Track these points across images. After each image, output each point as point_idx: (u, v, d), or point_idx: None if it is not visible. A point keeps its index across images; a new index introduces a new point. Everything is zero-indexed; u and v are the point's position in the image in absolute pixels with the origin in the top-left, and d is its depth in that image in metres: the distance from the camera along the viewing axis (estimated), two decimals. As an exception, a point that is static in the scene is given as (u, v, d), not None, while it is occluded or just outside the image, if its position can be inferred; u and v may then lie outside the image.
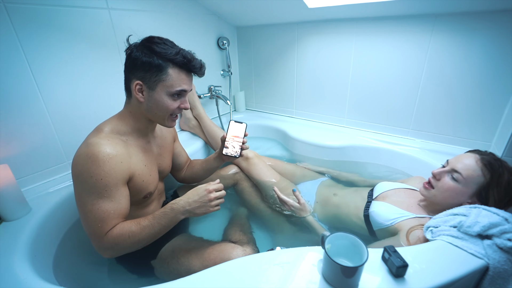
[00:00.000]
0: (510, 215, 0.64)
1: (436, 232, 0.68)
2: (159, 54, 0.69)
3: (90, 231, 0.67)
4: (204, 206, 0.73)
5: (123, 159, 0.69)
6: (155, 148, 0.87)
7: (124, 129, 0.76)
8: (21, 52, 0.86)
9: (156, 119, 0.77)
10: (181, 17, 1.35)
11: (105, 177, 0.65)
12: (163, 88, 0.72)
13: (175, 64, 0.71)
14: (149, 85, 0.71)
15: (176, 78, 0.72)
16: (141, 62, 0.69)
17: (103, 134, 0.71)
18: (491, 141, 1.14)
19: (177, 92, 0.73)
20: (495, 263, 0.58)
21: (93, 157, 0.64)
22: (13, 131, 0.89)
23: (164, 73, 0.70)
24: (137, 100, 0.73)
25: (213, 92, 1.58)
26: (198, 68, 0.74)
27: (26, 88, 0.90)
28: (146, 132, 0.83)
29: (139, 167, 0.75)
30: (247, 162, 1.17)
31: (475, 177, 0.75)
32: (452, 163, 0.80)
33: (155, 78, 0.70)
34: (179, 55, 0.70)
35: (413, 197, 0.90)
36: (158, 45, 0.69)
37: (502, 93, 1.05)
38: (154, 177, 0.82)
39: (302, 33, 1.46)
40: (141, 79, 0.70)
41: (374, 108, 1.38)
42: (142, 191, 0.78)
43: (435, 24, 1.10)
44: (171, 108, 0.75)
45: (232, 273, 0.58)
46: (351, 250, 0.56)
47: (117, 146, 0.69)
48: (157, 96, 0.72)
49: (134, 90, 0.71)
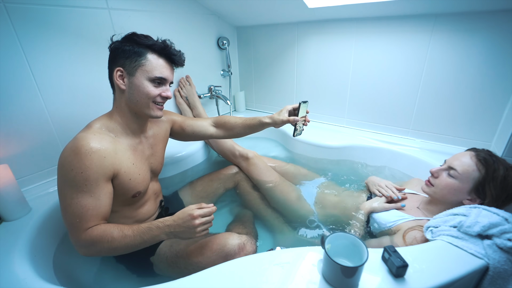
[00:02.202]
0: (510, 215, 0.64)
1: (436, 232, 0.68)
2: (138, 42, 0.72)
3: (69, 225, 0.66)
4: (188, 232, 0.69)
5: (107, 154, 0.68)
6: (147, 149, 0.86)
7: (113, 126, 0.76)
8: (21, 52, 0.86)
9: (140, 108, 0.76)
10: (181, 17, 1.35)
11: (86, 171, 0.64)
12: (143, 74, 0.72)
13: (154, 50, 0.73)
14: (129, 71, 0.72)
15: (155, 64, 0.73)
16: (122, 50, 0.72)
17: (91, 130, 0.71)
18: (491, 141, 1.14)
19: (157, 78, 0.74)
20: (495, 263, 0.58)
21: (76, 150, 0.64)
22: (13, 131, 0.89)
23: (143, 58, 0.72)
24: (120, 89, 0.74)
25: (213, 92, 1.58)
26: (176, 55, 0.76)
27: (26, 88, 0.90)
28: (138, 132, 0.82)
29: (125, 165, 0.74)
30: (247, 162, 1.17)
31: (471, 172, 0.76)
32: (448, 161, 0.82)
33: (134, 64, 0.71)
34: (158, 42, 0.74)
35: (412, 200, 0.91)
36: (138, 36, 0.73)
37: (502, 93, 1.05)
38: (144, 177, 0.81)
39: (302, 33, 1.46)
40: (122, 65, 0.72)
41: (374, 108, 1.38)
42: (130, 190, 0.76)
43: (435, 24, 1.10)
44: (152, 94, 0.74)
45: (232, 273, 0.58)
46: (351, 250, 0.56)
47: (102, 141, 0.69)
48: (137, 81, 0.73)
49: (115, 77, 0.72)
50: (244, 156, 1.17)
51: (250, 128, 0.99)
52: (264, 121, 0.94)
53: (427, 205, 0.86)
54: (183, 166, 1.32)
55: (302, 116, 0.93)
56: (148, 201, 0.88)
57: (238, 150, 1.20)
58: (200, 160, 1.41)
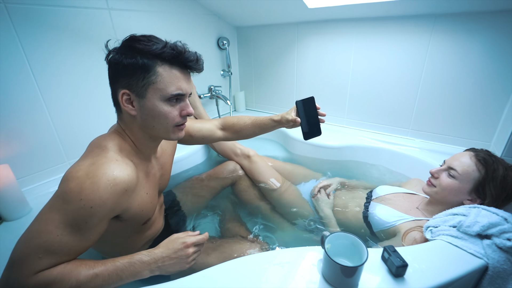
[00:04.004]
0: (509, 215, 0.64)
1: (436, 232, 0.69)
2: (142, 51, 0.56)
3: (19, 257, 0.49)
4: (180, 262, 0.62)
5: (130, 186, 0.57)
6: (158, 171, 0.76)
7: (128, 148, 0.64)
8: (22, 52, 0.86)
9: (157, 133, 0.64)
10: (181, 17, 1.35)
11: (97, 207, 0.52)
12: (155, 93, 0.58)
13: (164, 59, 0.58)
14: (138, 92, 0.58)
15: (168, 77, 0.58)
16: (123, 65, 0.56)
17: (109, 153, 0.58)
18: (490, 141, 1.14)
19: (173, 95, 0.60)
20: (494, 263, 0.58)
21: (94, 179, 0.52)
22: (14, 131, 0.89)
23: (152, 73, 0.57)
24: (129, 114, 0.61)
25: (213, 92, 1.58)
26: (193, 60, 0.61)
27: (27, 88, 0.90)
28: (149, 155, 0.71)
29: (140, 196, 0.64)
30: (249, 160, 1.16)
31: (470, 172, 0.76)
32: (448, 161, 0.82)
33: (143, 82, 0.57)
34: (167, 48, 0.57)
35: (411, 201, 0.91)
36: (140, 42, 0.57)
37: (501, 93, 1.06)
38: (154, 203, 0.72)
39: (302, 33, 1.46)
40: (127, 86, 0.58)
41: (374, 108, 1.38)
42: (140, 220, 0.67)
43: (435, 25, 1.10)
44: (170, 117, 0.61)
45: (232, 273, 0.58)
46: (351, 250, 0.56)
47: (127, 169, 0.57)
48: (150, 104, 0.59)
49: (122, 102, 0.59)
50: (246, 154, 1.17)
51: (260, 128, 0.90)
52: (275, 119, 0.85)
53: (427, 206, 0.86)
54: (183, 166, 1.32)
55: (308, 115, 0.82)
56: (155, 220, 0.79)
57: (240, 148, 1.20)
58: (200, 160, 1.41)
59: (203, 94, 1.56)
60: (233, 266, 0.60)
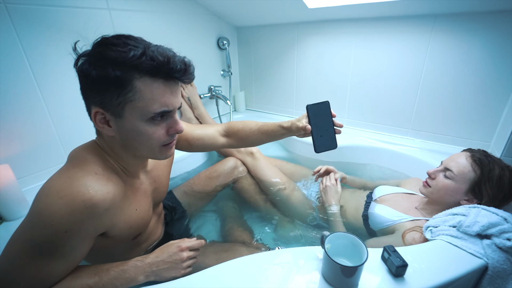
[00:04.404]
0: (509, 215, 0.64)
1: (436, 232, 0.69)
2: (115, 61, 0.45)
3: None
4: (175, 267, 0.60)
5: (111, 205, 0.51)
6: (149, 185, 0.69)
7: (112, 163, 0.57)
8: (22, 52, 0.86)
9: (141, 154, 0.56)
10: (181, 17, 1.35)
11: (72, 231, 0.46)
12: (134, 112, 0.49)
13: (143, 71, 0.47)
14: (113, 111, 0.49)
15: (149, 93, 0.48)
16: (92, 79, 0.46)
17: (88, 166, 0.51)
18: (490, 141, 1.14)
19: (157, 114, 0.50)
20: (494, 263, 0.59)
21: (67, 199, 0.45)
22: (14, 131, 0.89)
23: (129, 89, 0.47)
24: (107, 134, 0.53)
25: (213, 92, 1.59)
26: (180, 70, 0.50)
27: (27, 88, 0.90)
28: (136, 171, 0.64)
29: (127, 213, 0.58)
30: (253, 157, 1.15)
31: (466, 173, 0.76)
32: (445, 162, 0.83)
33: (118, 100, 0.47)
34: (146, 56, 0.46)
35: (411, 201, 0.92)
36: (112, 48, 0.46)
37: (501, 93, 1.06)
38: (147, 218, 0.67)
39: (302, 33, 1.46)
40: (100, 105, 0.48)
41: (374, 108, 1.39)
42: (129, 236, 0.63)
43: (435, 25, 1.10)
44: (154, 138, 0.53)
45: (232, 273, 0.58)
46: (351, 250, 0.56)
47: (108, 185, 0.51)
48: (129, 125, 0.50)
49: (96, 122, 0.51)
50: (249, 151, 1.16)
51: (267, 135, 0.79)
52: (284, 126, 0.74)
53: (425, 206, 0.86)
54: (183, 168, 1.32)
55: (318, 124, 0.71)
56: (151, 232, 0.75)
57: None
58: (201, 162, 1.41)
59: (203, 94, 1.56)
60: (233, 266, 0.60)
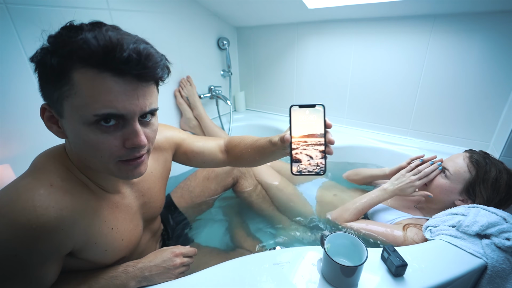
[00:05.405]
0: (508, 215, 0.65)
1: (435, 232, 0.69)
2: (55, 46, 0.39)
3: None
4: (167, 272, 0.59)
5: (67, 223, 0.42)
6: (135, 200, 0.61)
7: (78, 173, 0.48)
8: (23, 52, 0.86)
9: (96, 168, 0.47)
10: (182, 17, 1.35)
11: (22, 254, 0.39)
12: (73, 112, 0.40)
13: (83, 59, 0.37)
14: (56, 108, 0.42)
15: (89, 89, 0.38)
16: (35, 67, 0.41)
17: (47, 175, 0.44)
18: (489, 141, 1.14)
19: (100, 117, 0.40)
20: (493, 262, 0.59)
21: (7, 216, 0.38)
22: (14, 131, 0.90)
23: (64, 82, 0.38)
24: None
25: (213, 92, 1.59)
26: (129, 60, 0.38)
27: (27, 88, 0.90)
28: (114, 186, 0.55)
29: (97, 232, 0.49)
30: None
31: (462, 173, 0.77)
32: (444, 162, 0.83)
33: (55, 94, 0.40)
34: (92, 40, 0.36)
35: (410, 200, 0.92)
36: (62, 32, 0.40)
37: (500, 93, 1.06)
38: (132, 238, 0.58)
39: (302, 34, 1.46)
40: (45, 99, 0.43)
41: (374, 108, 1.39)
42: (107, 260, 0.54)
43: (434, 25, 1.10)
44: (103, 149, 0.42)
45: (232, 273, 0.58)
46: (351, 250, 0.56)
47: (64, 200, 0.43)
48: (72, 128, 0.42)
49: (43, 119, 0.45)
50: None
51: (260, 153, 0.65)
52: (273, 140, 0.60)
53: (424, 204, 0.87)
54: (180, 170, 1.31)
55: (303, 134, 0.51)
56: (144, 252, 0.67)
57: None
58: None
59: (203, 94, 1.56)
60: (233, 266, 0.60)
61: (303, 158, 0.51)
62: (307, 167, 0.51)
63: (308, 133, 0.51)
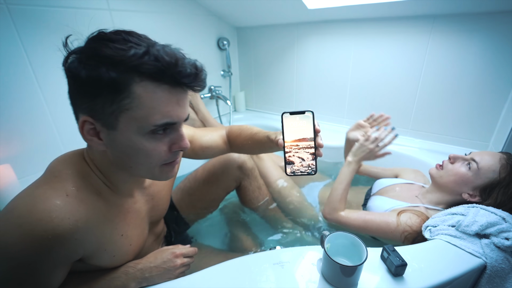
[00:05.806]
0: (507, 214, 0.65)
1: (435, 231, 0.69)
2: (110, 60, 0.38)
3: None
4: (168, 273, 0.58)
5: (82, 233, 0.43)
6: (144, 204, 0.62)
7: (94, 179, 0.49)
8: (23, 52, 0.87)
9: (137, 174, 0.49)
10: (182, 18, 1.35)
11: (36, 263, 0.40)
12: (131, 123, 0.41)
13: (144, 74, 0.39)
14: (105, 121, 0.41)
15: (150, 101, 0.41)
16: (81, 80, 0.40)
17: (63, 184, 0.44)
18: (489, 141, 1.14)
19: (159, 126, 0.43)
20: (492, 262, 0.59)
21: (24, 226, 0.39)
22: (15, 131, 0.90)
23: (125, 95, 0.40)
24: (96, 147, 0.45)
25: (213, 93, 1.59)
26: (190, 75, 0.42)
27: (28, 88, 0.90)
28: (130, 190, 0.57)
29: (109, 240, 0.51)
30: (257, 156, 1.11)
31: (490, 171, 0.73)
32: (474, 153, 0.79)
33: (111, 108, 0.40)
34: (149, 56, 0.39)
35: (409, 190, 0.92)
36: (110, 44, 0.39)
37: (499, 93, 1.06)
38: (138, 243, 0.60)
39: (302, 34, 1.47)
40: (89, 112, 0.41)
41: (373, 108, 1.39)
42: (113, 265, 0.56)
43: (434, 25, 1.10)
44: (154, 155, 0.45)
45: (232, 273, 0.59)
46: (351, 250, 0.56)
47: (79, 210, 0.43)
48: (124, 139, 0.43)
49: (83, 133, 0.43)
50: None
51: (259, 147, 0.70)
52: (271, 137, 0.64)
53: (426, 194, 0.86)
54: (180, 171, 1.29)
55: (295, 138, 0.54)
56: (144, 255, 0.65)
57: None
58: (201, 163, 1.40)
59: (203, 94, 1.56)
60: (233, 266, 0.60)
61: (295, 160, 0.55)
62: (300, 168, 0.55)
63: (299, 137, 0.54)
